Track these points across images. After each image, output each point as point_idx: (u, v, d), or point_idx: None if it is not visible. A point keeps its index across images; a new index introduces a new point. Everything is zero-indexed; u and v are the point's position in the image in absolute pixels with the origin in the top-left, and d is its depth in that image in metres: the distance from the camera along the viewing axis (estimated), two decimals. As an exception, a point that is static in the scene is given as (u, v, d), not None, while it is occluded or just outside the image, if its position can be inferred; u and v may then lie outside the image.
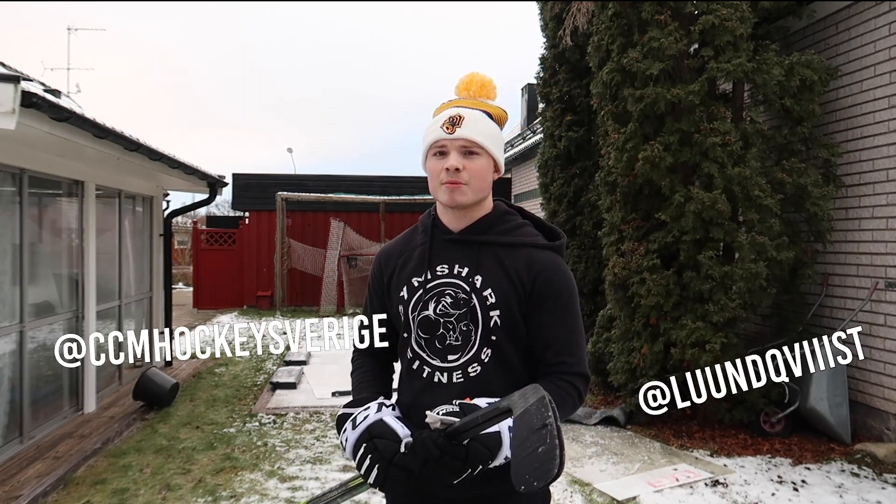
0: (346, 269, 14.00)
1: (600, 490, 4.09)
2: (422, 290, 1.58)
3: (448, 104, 1.63)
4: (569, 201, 7.70)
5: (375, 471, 1.39)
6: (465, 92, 1.64)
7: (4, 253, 4.61)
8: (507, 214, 1.63)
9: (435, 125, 1.55)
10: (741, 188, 4.74)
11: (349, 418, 1.51)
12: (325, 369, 7.85)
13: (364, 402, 1.54)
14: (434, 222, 1.64)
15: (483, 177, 1.54)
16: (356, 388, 1.67)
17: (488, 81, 1.65)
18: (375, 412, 1.49)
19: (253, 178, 15.10)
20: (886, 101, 4.76)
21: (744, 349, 5.14)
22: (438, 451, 1.31)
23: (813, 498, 3.94)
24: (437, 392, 1.54)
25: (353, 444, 1.46)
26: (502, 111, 1.64)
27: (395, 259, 1.68)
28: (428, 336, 1.57)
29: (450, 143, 1.52)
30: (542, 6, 8.13)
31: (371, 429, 1.45)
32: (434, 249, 1.61)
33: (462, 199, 1.53)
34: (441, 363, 1.55)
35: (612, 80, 5.30)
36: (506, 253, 1.56)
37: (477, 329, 1.52)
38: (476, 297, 1.53)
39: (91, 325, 5.81)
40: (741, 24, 4.80)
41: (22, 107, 3.38)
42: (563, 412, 1.47)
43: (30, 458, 4.50)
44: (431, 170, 1.56)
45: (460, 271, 1.56)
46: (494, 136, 1.57)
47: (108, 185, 6.30)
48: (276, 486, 4.21)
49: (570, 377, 1.51)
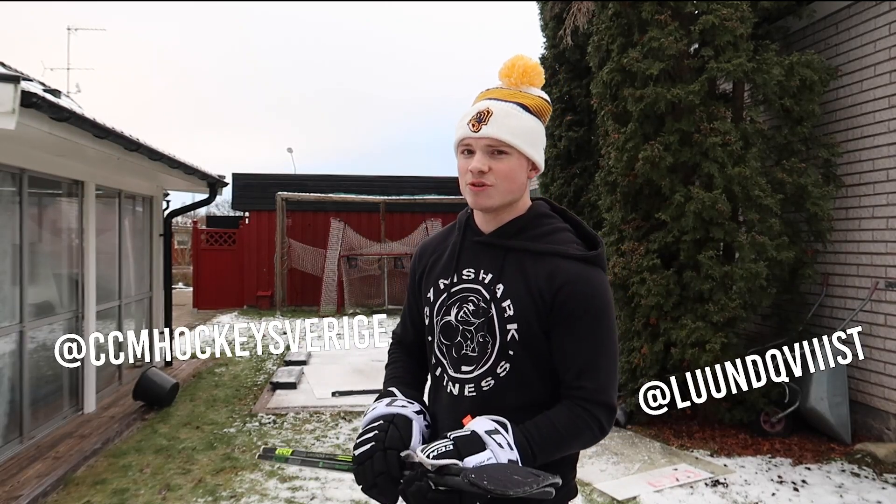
0: (346, 269, 14.00)
1: (600, 490, 4.09)
2: (446, 293, 1.50)
3: (485, 94, 1.48)
4: (569, 201, 7.71)
5: (366, 447, 1.33)
6: (506, 79, 1.47)
7: (4, 253, 4.61)
8: (543, 217, 1.49)
9: (464, 120, 1.43)
10: (741, 188, 4.74)
11: (392, 396, 1.47)
12: (325, 369, 7.85)
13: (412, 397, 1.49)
14: (468, 222, 1.54)
15: (512, 178, 1.41)
16: (398, 381, 1.59)
17: (532, 66, 1.47)
18: (413, 411, 1.44)
19: (253, 178, 15.09)
20: (886, 100, 4.76)
21: (744, 349, 5.14)
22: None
23: (813, 498, 3.94)
24: (448, 403, 1.47)
25: (374, 415, 1.41)
26: (544, 102, 1.47)
27: (428, 256, 1.61)
28: (448, 343, 1.48)
29: (475, 142, 1.40)
30: (542, 6, 8.14)
31: (397, 417, 1.39)
32: (463, 251, 1.51)
33: (487, 203, 1.42)
34: (455, 373, 1.47)
35: (613, 80, 5.30)
36: (531, 261, 1.42)
37: (494, 342, 1.41)
38: (495, 307, 1.42)
39: (91, 325, 5.81)
40: (741, 23, 4.80)
41: (22, 107, 3.37)
42: (579, 442, 1.38)
43: (30, 458, 4.49)
44: (460, 169, 1.44)
45: (484, 278, 1.46)
46: (528, 132, 1.42)
47: (108, 185, 6.30)
48: (276, 486, 4.21)
49: (590, 405, 1.36)
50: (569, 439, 1.35)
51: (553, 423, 1.36)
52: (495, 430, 1.30)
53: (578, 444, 1.38)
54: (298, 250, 14.29)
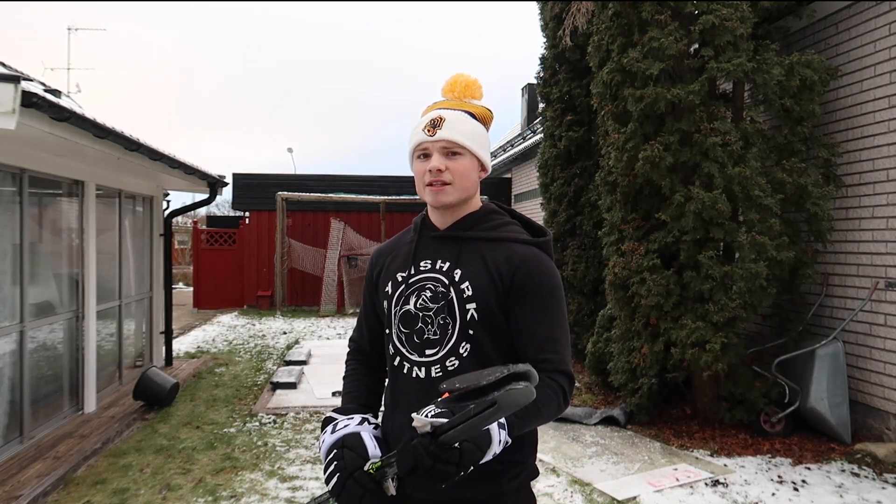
0: (346, 269, 14.01)
1: (600, 490, 4.09)
2: (404, 284, 1.61)
3: (432, 106, 1.65)
4: (569, 201, 7.70)
5: (335, 479, 1.41)
6: (449, 93, 1.66)
7: (5, 253, 4.61)
8: (494, 213, 1.65)
9: (418, 128, 1.58)
10: (741, 188, 4.74)
11: (332, 422, 1.56)
12: (325, 369, 7.85)
13: (351, 412, 1.59)
14: (423, 221, 1.68)
15: (466, 176, 1.56)
16: (345, 398, 1.71)
17: (472, 81, 1.66)
18: (356, 424, 1.53)
19: (253, 178, 15.10)
20: (886, 100, 4.76)
21: (744, 349, 5.15)
22: (431, 458, 1.25)
23: (813, 498, 3.94)
24: (417, 388, 1.54)
25: (326, 448, 1.50)
26: (486, 110, 1.66)
27: (384, 257, 1.72)
28: (408, 331, 1.58)
29: (431, 145, 1.55)
30: (542, 6, 8.14)
31: (346, 438, 1.48)
32: (420, 246, 1.64)
33: (446, 200, 1.56)
34: (419, 358, 1.55)
35: (613, 80, 5.30)
36: (488, 248, 1.57)
37: (455, 323, 1.52)
38: (454, 290, 1.54)
39: (91, 324, 5.81)
40: (741, 23, 4.80)
41: (22, 107, 3.38)
42: (548, 411, 1.46)
43: (30, 458, 4.50)
44: (416, 172, 1.59)
45: (441, 266, 1.58)
46: (477, 136, 1.58)
47: (108, 185, 6.30)
48: (276, 486, 4.21)
49: (554, 375, 1.49)
50: (541, 409, 1.43)
51: None
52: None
53: (548, 413, 1.46)
54: (298, 250, 14.30)
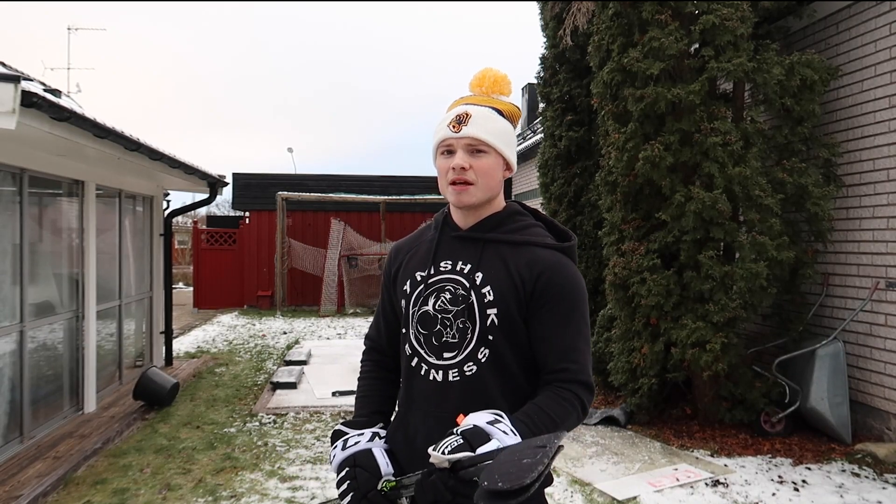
0: (346, 269, 14.00)
1: (600, 490, 4.09)
2: (423, 284, 1.56)
3: (459, 101, 1.60)
4: (569, 201, 7.69)
5: (349, 498, 1.43)
6: (477, 88, 1.61)
7: (5, 253, 4.61)
8: (518, 214, 1.59)
9: (443, 123, 1.53)
10: (741, 188, 4.74)
11: (342, 437, 1.55)
12: (325, 369, 7.85)
13: (361, 426, 1.58)
14: (445, 219, 1.63)
15: (491, 175, 1.51)
16: (358, 402, 1.69)
17: (502, 77, 1.61)
18: (367, 440, 1.53)
19: (253, 177, 15.10)
20: (887, 100, 4.76)
21: (744, 349, 5.15)
22: (451, 493, 1.26)
23: (813, 498, 3.93)
24: (433, 390, 1.52)
25: (337, 464, 1.51)
26: (515, 107, 1.60)
27: (403, 254, 1.67)
28: (426, 332, 1.54)
29: (456, 142, 1.50)
30: (542, 6, 8.13)
31: (357, 456, 1.48)
32: (441, 245, 1.59)
33: (469, 200, 1.51)
34: (437, 360, 1.52)
35: (613, 80, 5.30)
36: (510, 251, 1.52)
37: (474, 327, 1.49)
38: (475, 293, 1.50)
39: (91, 324, 5.81)
40: (742, 23, 4.80)
41: (22, 106, 3.37)
42: (567, 424, 1.43)
43: (30, 458, 4.50)
44: (440, 168, 1.54)
45: (462, 268, 1.53)
46: (504, 134, 1.53)
47: (108, 184, 6.30)
48: (276, 486, 4.21)
49: (573, 385, 1.45)
50: (559, 422, 1.41)
51: (542, 407, 1.41)
52: (495, 420, 1.33)
53: (566, 425, 1.43)
54: (298, 250, 14.30)
